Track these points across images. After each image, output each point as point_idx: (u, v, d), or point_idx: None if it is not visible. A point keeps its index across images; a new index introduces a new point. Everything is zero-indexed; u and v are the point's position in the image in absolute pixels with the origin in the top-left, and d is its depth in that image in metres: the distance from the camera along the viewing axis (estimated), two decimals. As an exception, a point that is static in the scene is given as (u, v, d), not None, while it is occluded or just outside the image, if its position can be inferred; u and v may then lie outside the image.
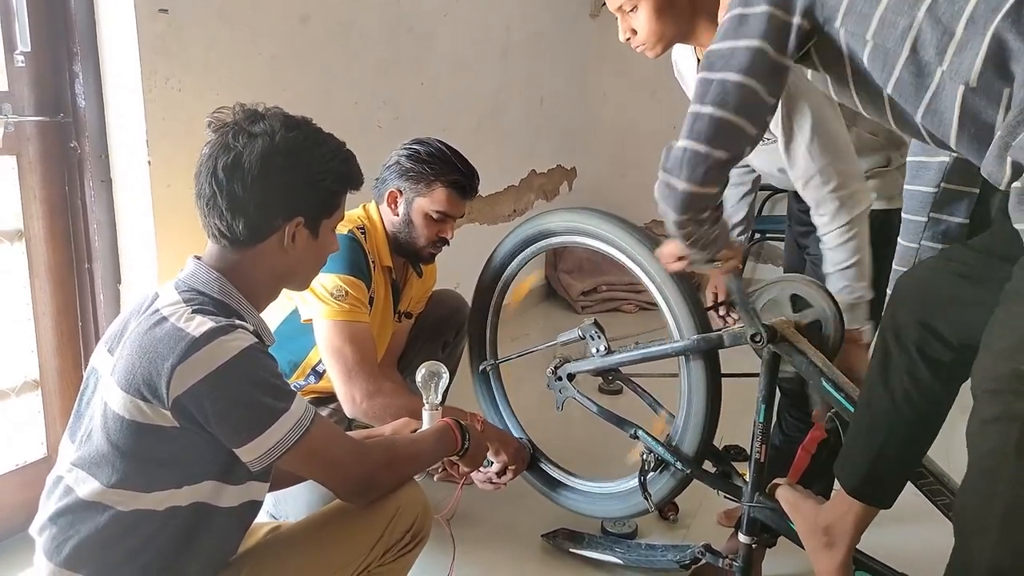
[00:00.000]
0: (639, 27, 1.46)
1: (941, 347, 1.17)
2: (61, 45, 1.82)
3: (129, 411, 1.07)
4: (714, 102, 1.13)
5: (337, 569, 1.23)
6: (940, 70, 0.97)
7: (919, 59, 0.99)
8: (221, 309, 1.14)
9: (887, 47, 1.02)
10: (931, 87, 0.99)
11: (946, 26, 0.96)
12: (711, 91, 1.13)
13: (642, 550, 1.82)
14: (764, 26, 1.09)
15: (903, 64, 1.00)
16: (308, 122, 1.22)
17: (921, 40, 0.98)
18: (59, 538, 1.10)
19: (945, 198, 1.31)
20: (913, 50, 0.99)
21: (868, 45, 1.04)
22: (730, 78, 1.12)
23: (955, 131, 1.00)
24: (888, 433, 1.26)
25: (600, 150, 4.65)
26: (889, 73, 1.03)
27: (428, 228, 1.89)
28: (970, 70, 0.94)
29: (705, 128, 1.14)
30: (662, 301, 1.67)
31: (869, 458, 1.28)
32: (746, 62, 1.11)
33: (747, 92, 1.12)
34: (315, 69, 2.39)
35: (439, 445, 1.41)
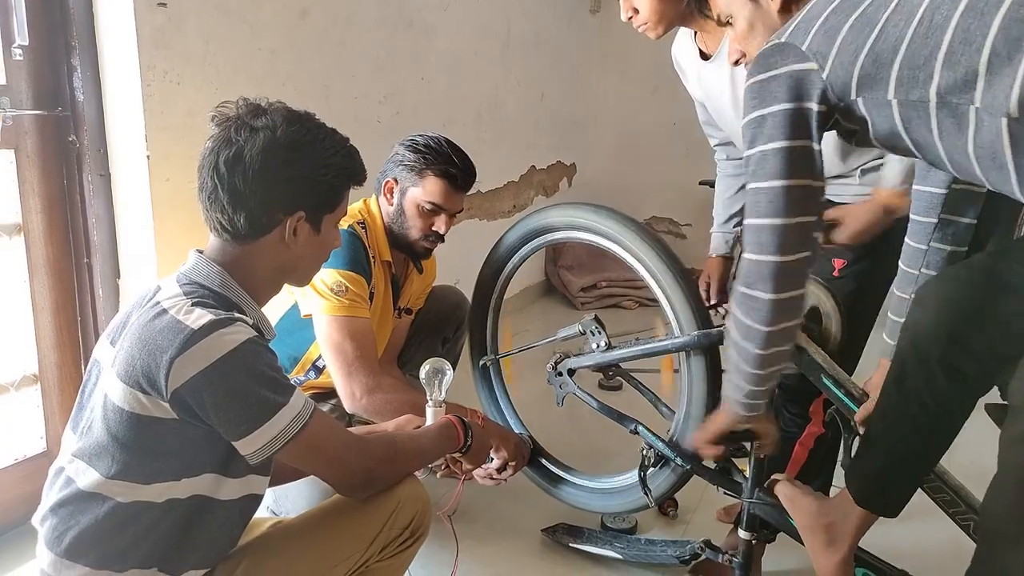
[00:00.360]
0: (640, 6, 1.46)
1: (969, 360, 1.16)
2: (59, 38, 1.81)
3: (129, 403, 1.07)
4: (770, 213, 1.14)
5: (336, 563, 1.23)
6: (974, 107, 0.95)
7: (948, 103, 0.97)
8: (221, 302, 1.14)
9: (912, 99, 1.01)
10: (971, 126, 0.97)
11: (967, 67, 0.94)
12: (762, 202, 1.15)
13: (642, 545, 1.82)
14: (786, 123, 1.11)
15: (935, 111, 0.99)
16: (311, 117, 1.22)
17: (945, 86, 0.97)
18: (59, 528, 1.11)
19: (954, 199, 1.30)
20: (940, 96, 0.98)
21: (893, 104, 1.04)
22: (775, 184, 1.13)
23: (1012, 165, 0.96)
24: (901, 444, 1.25)
25: (600, 146, 4.65)
26: (927, 122, 1.01)
27: (420, 219, 1.88)
28: (1007, 101, 0.91)
29: (771, 238, 1.14)
30: (662, 297, 1.67)
31: (879, 469, 1.28)
32: (781, 165, 1.12)
33: (794, 190, 1.13)
34: (315, 63, 2.39)
35: (441, 441, 1.41)
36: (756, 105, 1.14)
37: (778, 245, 1.14)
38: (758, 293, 1.17)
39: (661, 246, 1.68)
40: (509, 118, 3.74)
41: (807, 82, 1.09)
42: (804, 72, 1.09)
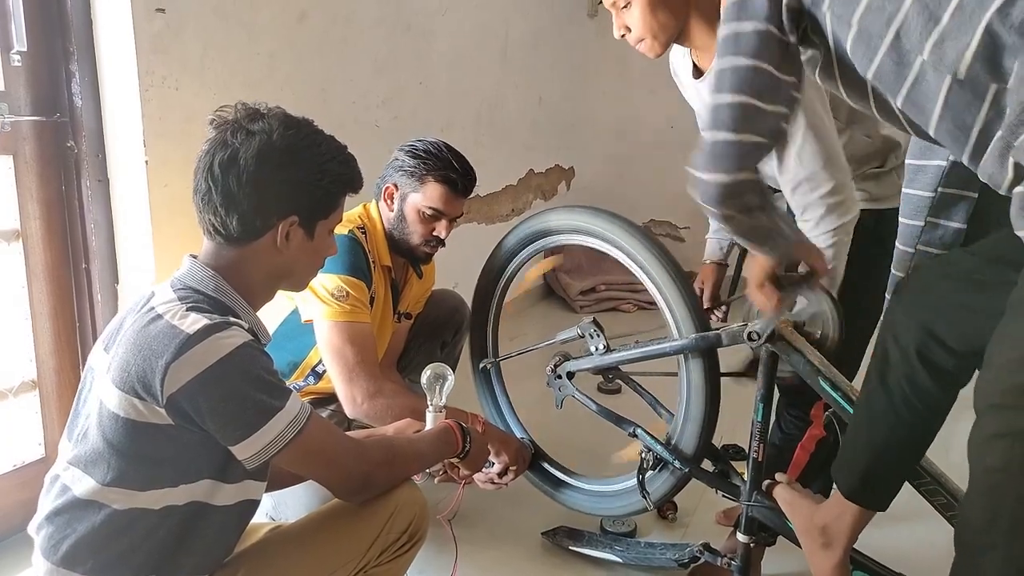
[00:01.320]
0: (633, 24, 1.45)
1: (943, 353, 1.17)
2: (57, 44, 1.82)
3: (124, 409, 1.06)
4: (731, 89, 1.11)
5: (334, 569, 1.23)
6: (920, 59, 0.95)
7: (901, 46, 0.97)
8: (216, 307, 1.14)
9: (871, 31, 1.01)
10: (910, 76, 0.98)
11: (932, 12, 0.94)
12: (726, 79, 1.12)
13: (641, 548, 1.82)
14: (765, 7, 1.09)
15: (885, 51, 0.99)
16: (308, 123, 1.22)
17: (906, 27, 0.96)
18: (56, 537, 1.10)
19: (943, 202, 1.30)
20: (896, 36, 0.98)
21: (853, 29, 1.03)
22: (741, 63, 1.11)
23: (935, 122, 0.98)
24: (885, 437, 1.25)
25: (598, 149, 4.65)
26: (871, 59, 1.02)
27: (421, 225, 1.89)
28: (958, 61, 0.92)
29: (727, 116, 1.12)
30: (661, 300, 1.67)
31: (866, 462, 1.28)
32: (753, 44, 1.10)
33: (760, 73, 1.10)
34: (313, 67, 2.39)
35: (439, 446, 1.41)
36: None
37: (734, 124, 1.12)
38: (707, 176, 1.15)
39: (659, 249, 1.68)
40: (507, 121, 3.74)
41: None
42: None
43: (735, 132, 1.12)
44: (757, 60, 1.10)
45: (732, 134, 1.12)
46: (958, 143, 0.98)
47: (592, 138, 4.62)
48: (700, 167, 1.17)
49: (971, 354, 1.14)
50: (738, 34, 1.11)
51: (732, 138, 1.12)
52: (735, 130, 1.12)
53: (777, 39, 1.10)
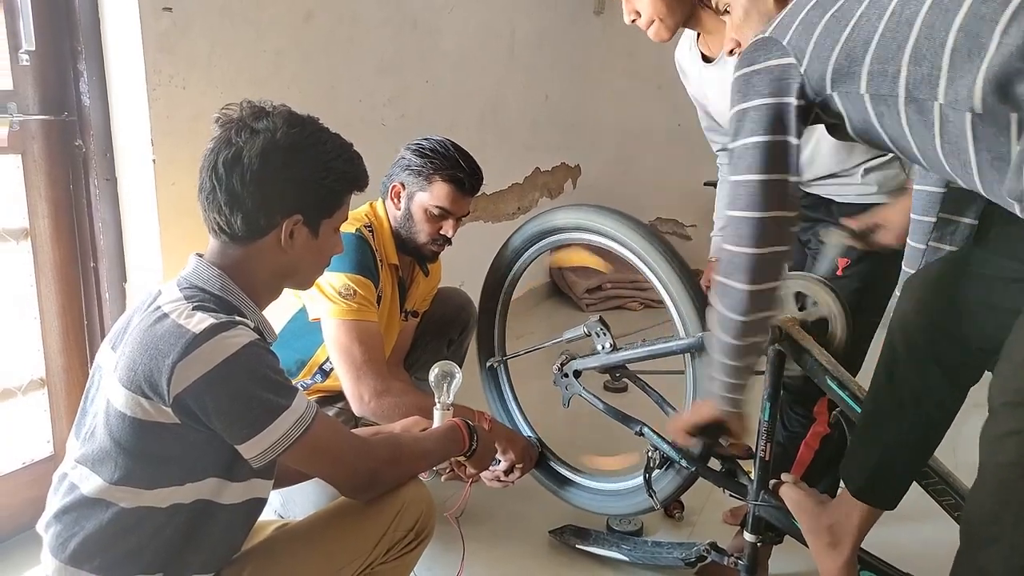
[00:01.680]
0: (642, 8, 1.46)
1: (953, 350, 1.16)
2: (65, 43, 1.82)
3: (131, 408, 1.07)
4: (747, 206, 1.16)
5: (340, 566, 1.23)
6: (937, 103, 0.97)
7: (915, 98, 0.99)
8: (222, 306, 1.14)
9: (883, 93, 1.03)
10: (936, 122, 0.99)
11: (931, 62, 0.96)
12: (741, 196, 1.17)
13: (648, 547, 1.82)
14: (765, 118, 1.13)
15: (904, 105, 1.01)
16: (313, 121, 1.22)
17: (912, 81, 0.99)
18: (64, 535, 1.11)
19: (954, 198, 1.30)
20: (908, 91, 1.00)
21: (866, 98, 1.06)
22: (752, 179, 1.15)
23: (974, 160, 0.98)
24: (894, 435, 1.25)
25: (604, 147, 4.64)
26: (897, 115, 1.03)
27: (428, 224, 1.89)
28: (970, 97, 0.92)
29: (748, 231, 1.16)
30: (667, 298, 1.67)
31: (874, 460, 1.28)
32: (759, 159, 1.14)
33: (771, 184, 1.15)
34: (319, 66, 2.39)
35: (446, 444, 1.41)
36: (739, 99, 1.16)
37: (754, 237, 1.16)
38: (734, 283, 1.20)
39: (666, 247, 1.68)
40: (513, 120, 3.74)
41: (786, 77, 1.11)
42: (783, 67, 1.11)
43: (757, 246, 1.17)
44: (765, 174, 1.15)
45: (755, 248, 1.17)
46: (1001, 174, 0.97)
47: (598, 136, 4.61)
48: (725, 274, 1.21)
49: (981, 352, 1.14)
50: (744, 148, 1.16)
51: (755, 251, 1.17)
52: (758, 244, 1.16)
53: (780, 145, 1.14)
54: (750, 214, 1.16)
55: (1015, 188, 0.93)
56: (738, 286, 1.19)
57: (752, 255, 1.17)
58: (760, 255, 1.17)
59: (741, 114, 1.16)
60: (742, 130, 1.16)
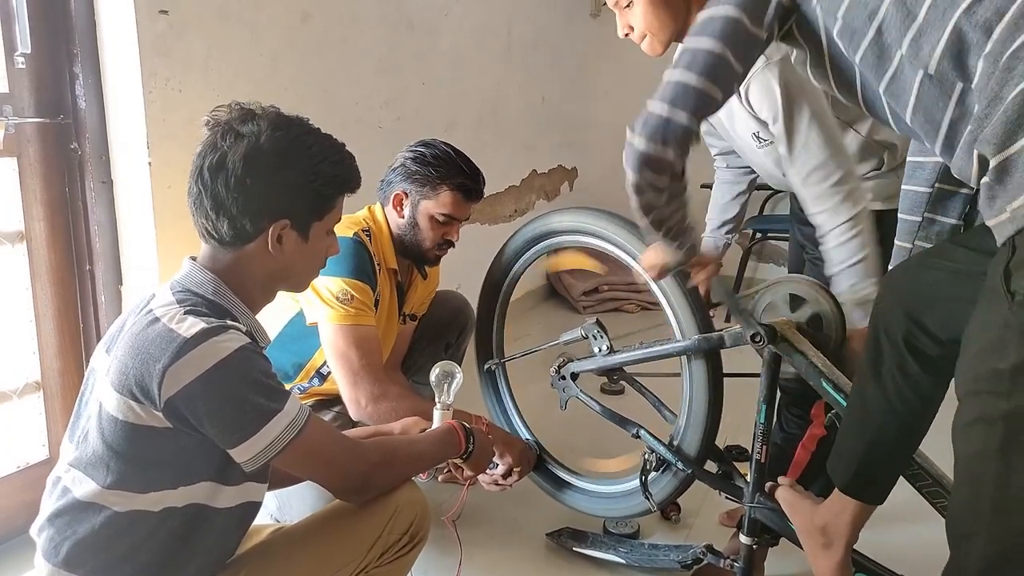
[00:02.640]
0: (636, 23, 1.46)
1: (929, 341, 1.17)
2: (61, 46, 1.82)
3: (123, 412, 1.07)
4: (684, 66, 1.17)
5: (335, 570, 1.23)
6: (900, 53, 0.99)
7: (883, 40, 1.01)
8: (214, 310, 1.14)
9: (855, 26, 1.05)
10: (890, 69, 1.02)
11: (909, 9, 0.98)
12: (684, 57, 1.18)
13: (645, 550, 1.82)
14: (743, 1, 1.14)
15: (867, 44, 1.04)
16: (301, 123, 1.20)
17: (886, 23, 1.01)
18: (56, 539, 1.11)
19: (939, 198, 1.31)
20: (878, 31, 1.02)
21: (838, 23, 1.08)
22: (703, 45, 1.16)
23: (910, 114, 1.04)
24: (879, 428, 1.26)
25: (601, 150, 4.64)
26: (855, 51, 1.06)
27: (433, 231, 1.89)
28: (929, 57, 0.96)
29: (671, 91, 1.18)
30: (664, 301, 1.67)
31: (860, 454, 1.28)
32: (720, 29, 1.15)
33: (716, 58, 1.15)
34: (316, 68, 2.39)
35: (441, 447, 1.41)
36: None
37: (673, 100, 1.17)
38: (636, 140, 1.21)
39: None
40: (510, 122, 3.74)
41: None
42: None
43: (672, 107, 1.17)
44: (719, 44, 1.15)
45: (668, 108, 1.18)
46: (929, 137, 1.03)
47: (595, 138, 4.61)
48: (633, 130, 1.22)
49: (955, 343, 1.15)
50: (711, 17, 1.17)
51: (666, 113, 1.18)
52: (673, 105, 1.17)
53: (745, 29, 1.15)
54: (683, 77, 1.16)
55: (965, 168, 0.96)
56: (638, 144, 1.20)
57: (664, 116, 1.17)
58: (672, 118, 1.17)
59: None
60: (714, 2, 1.17)
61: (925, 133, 1.04)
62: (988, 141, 0.91)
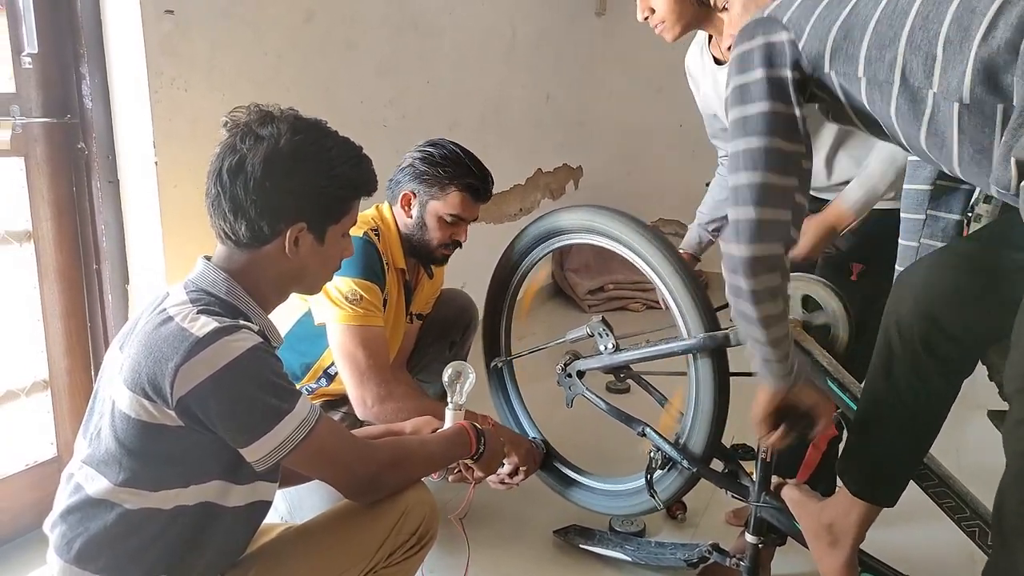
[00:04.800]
0: (657, 5, 1.46)
1: (946, 342, 1.17)
2: (68, 46, 1.83)
3: (135, 410, 1.07)
4: (747, 168, 1.14)
5: (344, 570, 1.23)
6: (932, 92, 0.99)
7: (910, 86, 1.01)
8: (227, 310, 1.14)
9: (880, 79, 1.04)
10: (927, 111, 1.01)
11: (926, 50, 0.98)
12: (740, 161, 1.15)
13: (651, 548, 1.82)
14: (765, 88, 1.13)
15: (897, 93, 1.03)
16: (319, 126, 1.21)
17: (909, 68, 1.00)
18: (68, 535, 1.11)
19: (940, 194, 1.31)
20: (903, 78, 1.01)
21: (862, 83, 1.07)
22: (752, 144, 1.14)
23: (956, 151, 1.01)
24: (891, 430, 1.25)
25: (606, 148, 4.64)
26: (888, 103, 1.05)
27: (442, 231, 1.89)
28: (960, 88, 0.95)
29: (747, 195, 1.15)
30: (670, 299, 1.67)
31: (872, 456, 1.28)
32: (761, 125, 1.13)
33: (771, 151, 1.13)
34: (320, 67, 2.39)
35: (452, 448, 1.41)
36: (737, 74, 1.16)
37: (754, 201, 1.14)
38: (735, 251, 1.17)
39: (669, 248, 1.68)
40: (515, 120, 3.74)
41: (782, 50, 1.12)
42: (780, 41, 1.12)
43: (756, 207, 1.14)
44: (767, 138, 1.13)
45: (753, 209, 1.14)
46: (982, 167, 1.00)
47: (600, 137, 4.61)
48: (728, 240, 1.19)
49: (974, 342, 1.15)
50: (745, 118, 1.15)
51: (753, 215, 1.14)
52: (757, 206, 1.14)
53: (782, 114, 1.13)
54: (751, 178, 1.14)
55: (1003, 177, 0.94)
56: (739, 253, 1.17)
57: (753, 219, 1.15)
58: (761, 218, 1.14)
59: (741, 89, 1.15)
60: (740, 102, 1.15)
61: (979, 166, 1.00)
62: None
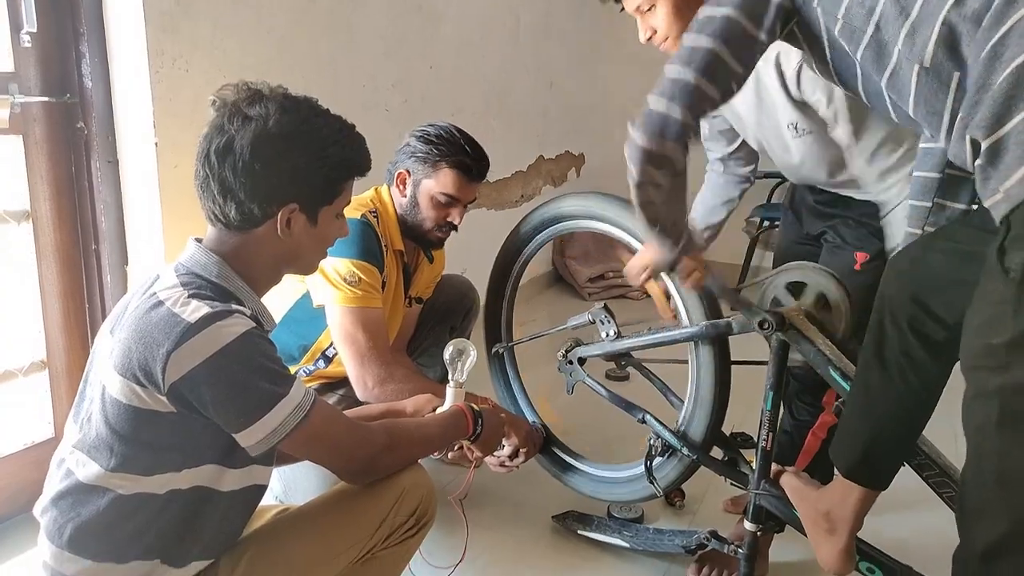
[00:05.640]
0: (658, 25, 1.46)
1: (934, 325, 1.17)
2: (67, 24, 1.81)
3: (126, 395, 1.06)
4: (682, 62, 1.19)
5: (340, 552, 1.23)
6: (897, 48, 1.04)
7: (880, 37, 1.05)
8: (219, 293, 1.12)
9: (854, 24, 1.09)
10: (890, 65, 1.06)
11: (903, 6, 1.03)
12: (681, 53, 1.20)
13: (649, 535, 1.82)
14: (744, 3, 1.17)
15: (867, 41, 1.08)
16: (309, 104, 1.18)
17: (884, 20, 1.05)
18: (60, 520, 1.10)
19: (949, 183, 1.31)
20: (876, 28, 1.06)
21: (839, 23, 1.11)
22: (701, 43, 1.18)
23: (912, 107, 1.08)
24: (883, 412, 1.25)
25: (609, 136, 4.61)
26: (856, 48, 1.10)
27: (435, 211, 1.88)
28: (923, 50, 1.00)
29: (669, 87, 1.19)
30: (672, 287, 1.66)
31: (864, 438, 1.28)
32: (718, 28, 1.17)
33: (714, 56, 1.17)
34: (323, 49, 2.38)
35: (448, 430, 1.40)
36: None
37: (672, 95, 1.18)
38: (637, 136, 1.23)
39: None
40: (517, 106, 3.72)
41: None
42: None
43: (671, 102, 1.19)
44: (717, 43, 1.17)
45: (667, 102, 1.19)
46: (934, 128, 1.07)
47: (603, 124, 4.58)
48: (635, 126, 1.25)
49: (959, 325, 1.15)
50: (711, 17, 1.19)
51: (665, 109, 1.19)
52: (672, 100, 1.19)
53: (743, 29, 1.17)
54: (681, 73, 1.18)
55: (960, 154, 0.99)
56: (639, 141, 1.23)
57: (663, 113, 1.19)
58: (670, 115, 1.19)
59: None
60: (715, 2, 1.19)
61: (930, 125, 1.08)
62: (978, 125, 0.94)
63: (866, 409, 1.28)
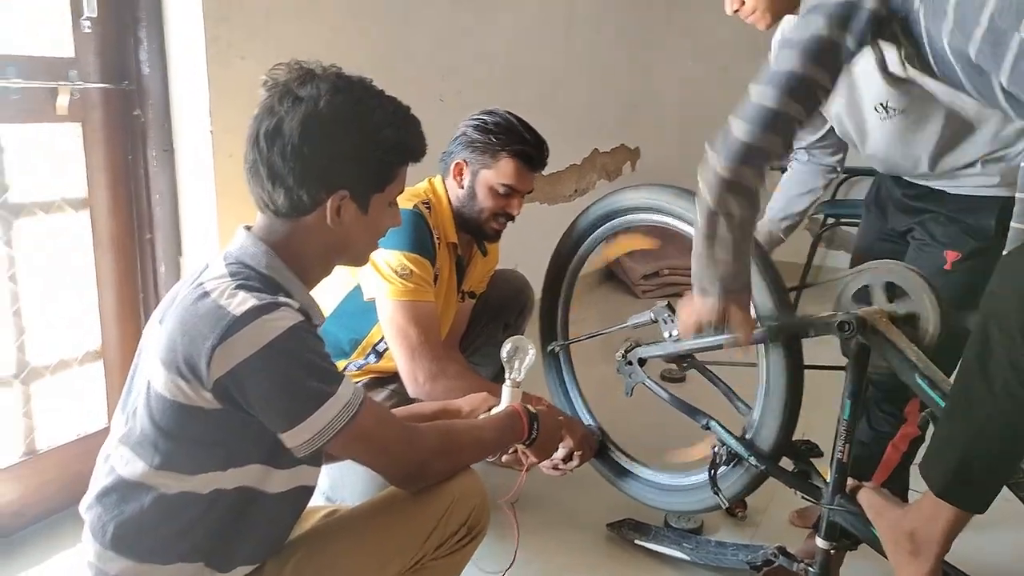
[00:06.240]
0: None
1: None
2: (126, 10, 1.80)
3: (171, 391, 1.02)
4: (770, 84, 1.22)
5: (389, 560, 1.17)
6: (1018, 36, 1.01)
7: (996, 28, 1.04)
8: (267, 284, 1.07)
9: (967, 19, 1.08)
10: (1010, 55, 1.04)
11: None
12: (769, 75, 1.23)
13: (711, 547, 1.74)
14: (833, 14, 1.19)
15: (982, 35, 1.06)
16: (364, 84, 1.12)
17: (999, 10, 1.04)
18: (104, 518, 1.07)
19: None
20: (991, 20, 1.05)
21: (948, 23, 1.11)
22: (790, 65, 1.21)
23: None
24: (984, 427, 1.15)
25: (666, 130, 4.51)
26: (967, 42, 1.09)
27: (494, 202, 1.82)
28: None
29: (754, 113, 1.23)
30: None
31: (961, 455, 1.18)
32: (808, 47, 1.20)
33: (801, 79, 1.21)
34: (377, 38, 2.35)
35: (503, 433, 1.34)
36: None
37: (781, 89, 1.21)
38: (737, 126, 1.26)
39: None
40: (571, 99, 3.64)
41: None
42: None
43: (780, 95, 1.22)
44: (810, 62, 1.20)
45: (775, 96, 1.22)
46: None
47: (659, 118, 4.48)
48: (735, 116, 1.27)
49: None
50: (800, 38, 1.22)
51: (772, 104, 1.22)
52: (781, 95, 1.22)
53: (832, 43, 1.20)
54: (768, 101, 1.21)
55: None
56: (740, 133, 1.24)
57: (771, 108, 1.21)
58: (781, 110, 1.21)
59: (812, 9, 1.20)
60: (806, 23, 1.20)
61: None
62: None
63: (964, 422, 1.18)
